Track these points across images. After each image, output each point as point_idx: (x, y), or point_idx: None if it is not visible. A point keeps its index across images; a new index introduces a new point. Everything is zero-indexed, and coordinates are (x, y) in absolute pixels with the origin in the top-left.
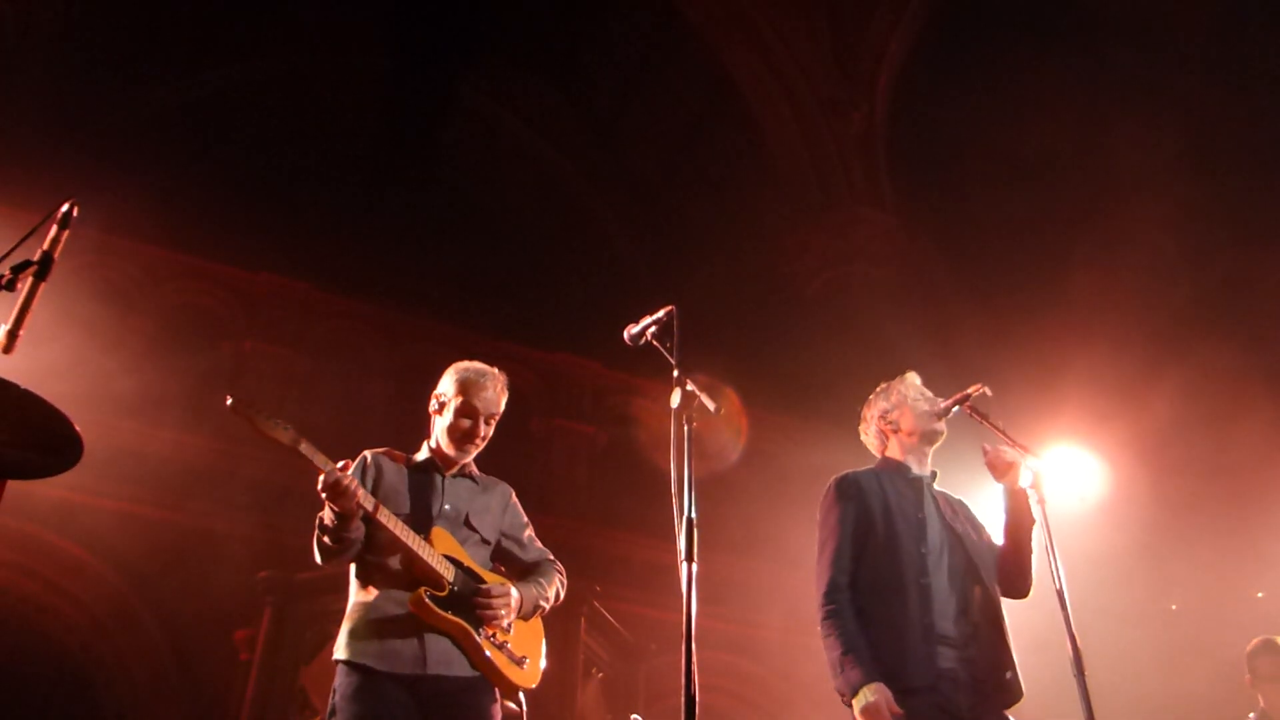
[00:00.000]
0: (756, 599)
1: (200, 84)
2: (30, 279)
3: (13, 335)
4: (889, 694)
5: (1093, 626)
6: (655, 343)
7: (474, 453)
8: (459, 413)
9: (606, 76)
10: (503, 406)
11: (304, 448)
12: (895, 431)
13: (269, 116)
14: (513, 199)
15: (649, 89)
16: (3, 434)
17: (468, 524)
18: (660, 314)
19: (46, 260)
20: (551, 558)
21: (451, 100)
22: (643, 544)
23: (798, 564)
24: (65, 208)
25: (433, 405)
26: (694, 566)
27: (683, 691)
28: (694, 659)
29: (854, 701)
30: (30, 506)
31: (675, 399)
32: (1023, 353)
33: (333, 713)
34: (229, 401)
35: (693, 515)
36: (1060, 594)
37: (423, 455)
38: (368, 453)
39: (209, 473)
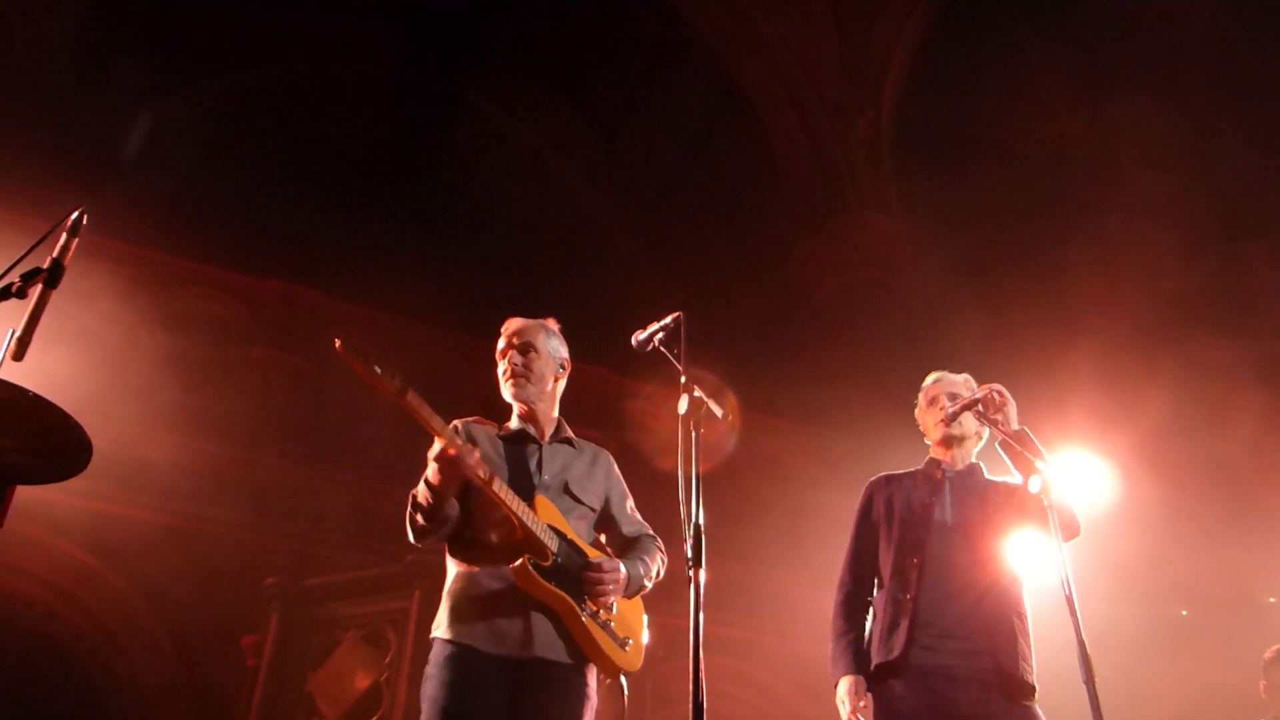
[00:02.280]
0: (764, 605)
1: (209, 90)
2: (40, 287)
3: (23, 343)
4: (860, 688)
5: (1102, 632)
6: (663, 349)
7: (526, 387)
8: (499, 357)
9: (613, 83)
10: (535, 336)
11: (410, 398)
12: (923, 432)
13: (277, 123)
14: (520, 205)
15: (655, 95)
16: (13, 439)
17: (569, 492)
18: (668, 320)
19: (57, 268)
20: (651, 532)
21: (459, 107)
22: None
23: (806, 569)
24: (75, 215)
25: None
26: (702, 573)
27: (691, 698)
28: (702, 665)
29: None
30: (39, 512)
31: (682, 405)
32: (1029, 356)
33: (425, 680)
34: (338, 343)
35: (700, 522)
36: (1069, 600)
37: (514, 424)
38: (458, 421)
39: (217, 479)
